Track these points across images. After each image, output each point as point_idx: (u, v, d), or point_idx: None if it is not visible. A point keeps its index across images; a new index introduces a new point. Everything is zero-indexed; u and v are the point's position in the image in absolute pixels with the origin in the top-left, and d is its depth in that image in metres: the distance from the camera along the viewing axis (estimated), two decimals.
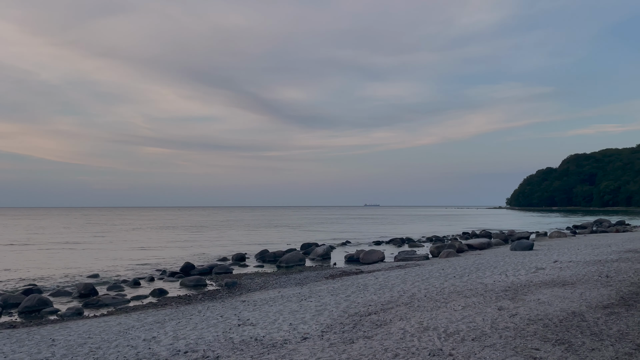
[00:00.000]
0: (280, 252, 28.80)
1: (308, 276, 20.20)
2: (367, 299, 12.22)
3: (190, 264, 24.07)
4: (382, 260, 25.70)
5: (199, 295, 17.34)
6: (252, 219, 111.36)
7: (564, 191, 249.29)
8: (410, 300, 11.35)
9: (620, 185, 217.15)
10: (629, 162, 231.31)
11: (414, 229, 64.81)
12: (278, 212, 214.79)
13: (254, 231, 62.03)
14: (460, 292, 12.17)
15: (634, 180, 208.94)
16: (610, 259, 17.86)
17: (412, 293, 12.69)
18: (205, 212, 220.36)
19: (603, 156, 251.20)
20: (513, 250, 26.25)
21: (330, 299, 12.67)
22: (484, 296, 10.99)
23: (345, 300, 12.35)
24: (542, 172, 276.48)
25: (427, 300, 11.21)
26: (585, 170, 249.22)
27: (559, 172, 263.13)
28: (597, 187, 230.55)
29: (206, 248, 36.93)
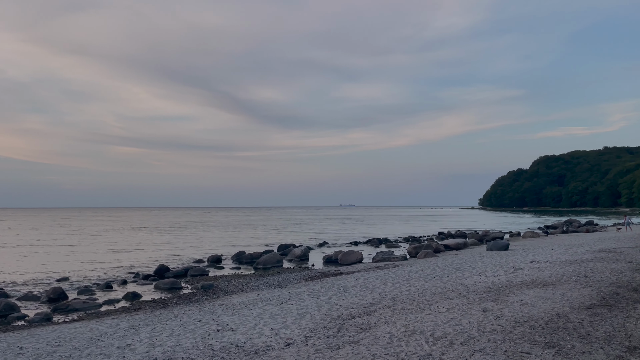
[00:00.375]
0: (257, 254, 28.39)
1: (287, 278, 19.89)
2: (348, 302, 12.01)
3: (164, 266, 23.46)
4: (360, 261, 25.58)
5: (175, 298, 16.84)
6: (227, 220, 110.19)
7: (534, 192, 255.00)
8: (392, 303, 11.19)
9: (588, 187, 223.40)
10: (595, 164, 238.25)
11: (390, 229, 65.11)
12: (253, 212, 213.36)
13: (230, 232, 61.27)
14: (442, 293, 12.07)
15: (601, 182, 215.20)
16: (586, 258, 18.11)
17: (393, 295, 12.54)
18: (179, 213, 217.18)
19: (571, 158, 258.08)
20: (489, 251, 26.50)
21: (311, 302, 12.41)
22: (466, 297, 10.90)
23: (327, 302, 12.11)
24: (513, 173, 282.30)
25: (409, 302, 11.06)
26: (555, 171, 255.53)
27: (530, 173, 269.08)
28: (565, 188, 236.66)
29: (180, 250, 36.18)
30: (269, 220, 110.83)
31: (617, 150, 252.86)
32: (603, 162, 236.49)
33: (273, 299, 13.90)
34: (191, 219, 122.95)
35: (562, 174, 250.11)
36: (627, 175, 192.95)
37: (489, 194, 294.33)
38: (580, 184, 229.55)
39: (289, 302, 12.81)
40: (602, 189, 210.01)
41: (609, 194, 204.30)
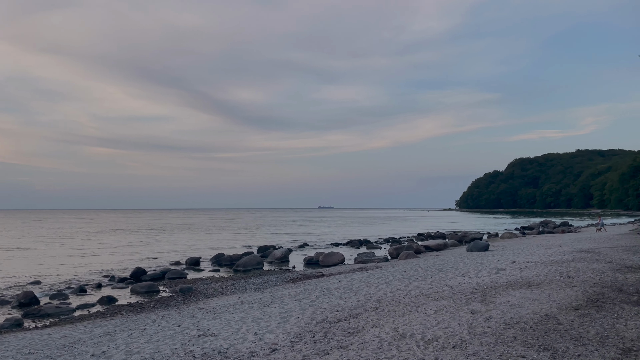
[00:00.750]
0: (236, 256, 27.91)
1: (268, 280, 19.52)
2: (333, 304, 11.75)
3: (141, 269, 22.82)
4: (342, 263, 25.36)
5: (152, 302, 16.31)
6: (204, 222, 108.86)
7: (509, 193, 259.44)
8: (378, 305, 10.97)
9: (561, 188, 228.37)
10: (568, 167, 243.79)
11: (370, 230, 65.17)
12: (232, 214, 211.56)
13: (208, 234, 60.43)
14: (428, 294, 11.91)
15: (574, 184, 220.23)
16: (566, 259, 18.24)
17: (378, 297, 12.33)
18: (155, 214, 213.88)
19: (545, 160, 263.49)
20: (470, 251, 26.58)
21: (294, 305, 12.10)
22: (453, 299, 10.76)
23: (311, 305, 11.82)
24: (489, 175, 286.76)
25: (395, 304, 10.86)
26: (529, 173, 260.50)
27: (505, 175, 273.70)
28: (540, 190, 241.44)
29: (157, 252, 35.39)
30: (247, 222, 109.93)
31: (589, 153, 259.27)
32: (576, 164, 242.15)
33: (255, 302, 13.55)
34: (168, 220, 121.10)
35: (536, 176, 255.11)
36: (598, 177, 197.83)
37: (465, 195, 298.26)
38: (554, 185, 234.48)
39: (272, 305, 12.48)
40: (575, 191, 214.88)
41: (581, 195, 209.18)
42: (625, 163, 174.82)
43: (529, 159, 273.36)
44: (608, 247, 22.92)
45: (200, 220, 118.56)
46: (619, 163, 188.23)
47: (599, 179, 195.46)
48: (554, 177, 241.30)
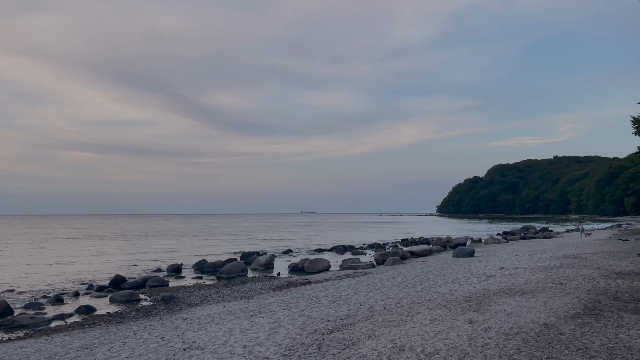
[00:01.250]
0: (219, 262, 27.29)
1: (253, 288, 19.02)
2: (323, 313, 11.36)
3: (120, 276, 22.09)
4: (327, 269, 24.98)
5: (132, 312, 15.68)
6: (185, 228, 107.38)
7: (489, 199, 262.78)
8: (370, 314, 10.62)
9: (540, 194, 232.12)
10: (546, 173, 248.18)
11: (353, 236, 64.93)
12: (213, 219, 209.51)
13: (189, 240, 59.43)
14: (420, 302, 11.61)
15: (552, 190, 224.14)
16: (554, 265, 18.17)
17: (369, 305, 11.98)
18: (134, 220, 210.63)
19: (524, 166, 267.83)
20: (455, 257, 26.47)
21: (283, 314, 11.67)
22: (447, 307, 10.47)
23: (300, 315, 11.41)
24: (470, 181, 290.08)
25: (388, 313, 10.52)
26: (509, 179, 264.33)
27: (485, 181, 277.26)
28: (519, 196, 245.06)
29: (137, 259, 34.49)
30: (229, 227, 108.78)
31: (567, 159, 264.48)
32: (553, 170, 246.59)
33: (241, 311, 13.07)
34: (148, 226, 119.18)
35: (515, 182, 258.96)
36: (576, 183, 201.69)
37: (446, 201, 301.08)
38: (532, 191, 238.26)
39: (259, 314, 12.03)
40: (553, 197, 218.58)
41: (559, 201, 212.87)
42: (602, 169, 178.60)
43: (508, 165, 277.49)
44: (593, 252, 23.02)
45: (180, 226, 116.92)
46: (595, 170, 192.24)
47: (576, 185, 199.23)
48: (533, 183, 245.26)
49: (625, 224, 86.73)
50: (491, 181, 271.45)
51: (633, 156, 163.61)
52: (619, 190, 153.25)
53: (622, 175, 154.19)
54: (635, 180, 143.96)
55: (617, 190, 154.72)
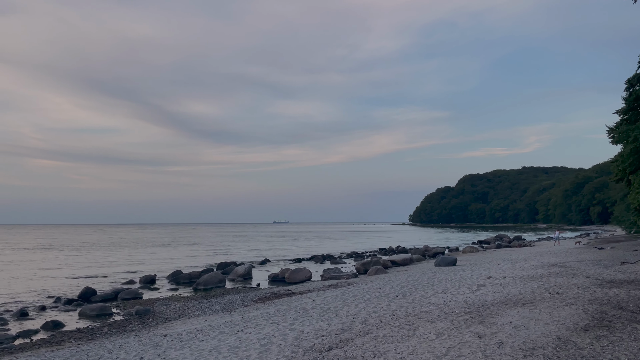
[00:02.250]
0: (196, 273, 26.20)
1: (234, 300, 18.11)
2: (315, 327, 10.65)
3: (90, 289, 20.82)
4: (309, 279, 24.23)
5: (105, 327, 14.58)
6: (157, 237, 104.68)
7: (460, 208, 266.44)
8: (367, 328, 9.97)
9: (509, 204, 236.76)
10: (515, 183, 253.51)
11: (330, 245, 64.28)
12: (185, 229, 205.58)
13: (161, 250, 57.63)
14: (417, 315, 11.03)
15: (520, 199, 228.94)
16: (541, 274, 17.92)
17: (363, 318, 11.33)
18: (103, 230, 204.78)
19: (494, 176, 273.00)
20: (438, 266, 26.13)
21: (272, 329, 10.90)
22: (449, 320, 9.91)
23: (291, 329, 10.67)
24: (441, 190, 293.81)
25: (386, 326, 9.89)
26: (479, 189, 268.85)
27: (456, 190, 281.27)
28: (489, 205, 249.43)
29: (107, 270, 32.92)
30: (202, 237, 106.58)
31: (534, 170, 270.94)
32: (522, 180, 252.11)
33: (225, 326, 12.22)
34: (117, 236, 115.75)
35: (485, 192, 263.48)
36: (543, 193, 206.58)
37: (418, 210, 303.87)
38: (502, 201, 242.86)
39: (246, 329, 11.22)
40: (521, 206, 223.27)
41: (528, 210, 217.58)
42: (568, 180, 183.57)
43: (478, 175, 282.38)
44: (575, 261, 23.00)
45: (152, 236, 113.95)
46: (562, 180, 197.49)
47: (543, 194, 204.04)
48: (502, 193, 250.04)
49: (593, 232, 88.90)
50: (462, 191, 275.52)
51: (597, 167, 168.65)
52: (585, 200, 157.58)
53: (587, 185, 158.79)
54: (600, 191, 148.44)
55: (583, 200, 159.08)
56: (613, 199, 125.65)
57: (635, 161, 26.84)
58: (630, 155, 26.55)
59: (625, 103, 31.26)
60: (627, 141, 27.28)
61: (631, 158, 26.74)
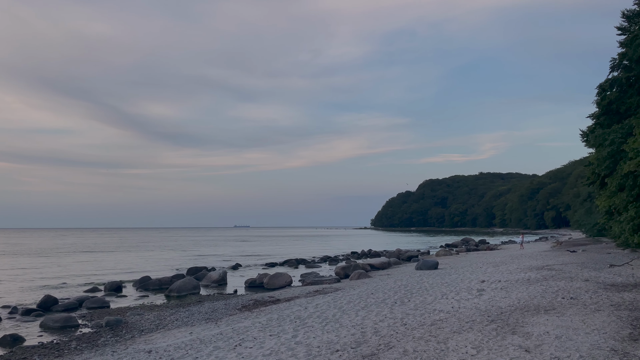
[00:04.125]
0: (166, 279, 24.46)
1: (215, 308, 16.69)
2: (324, 340, 9.53)
3: (51, 297, 18.86)
4: (289, 285, 23.01)
5: (73, 342, 12.91)
6: (114, 242, 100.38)
7: (420, 213, 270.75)
8: (385, 340, 8.93)
9: (467, 208, 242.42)
10: (473, 188, 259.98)
11: (300, 249, 63.02)
12: (143, 233, 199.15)
13: (121, 255, 54.80)
14: (432, 323, 10.09)
15: (478, 204, 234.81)
16: (535, 277, 17.45)
17: (372, 328, 10.30)
18: (56, 234, 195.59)
19: (453, 182, 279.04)
20: (420, 270, 25.47)
21: (274, 343, 9.70)
22: (477, 330, 9.01)
23: (297, 343, 9.50)
24: (402, 195, 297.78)
25: (406, 338, 8.89)
26: (438, 194, 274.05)
27: (416, 195, 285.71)
28: (448, 210, 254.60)
29: (65, 277, 30.51)
30: (163, 241, 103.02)
31: (491, 175, 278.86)
32: (479, 186, 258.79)
33: (217, 339, 10.89)
34: (72, 240, 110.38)
35: (445, 197, 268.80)
36: (500, 198, 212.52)
37: (380, 214, 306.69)
38: (460, 205, 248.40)
39: (244, 344, 9.95)
40: (479, 211, 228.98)
41: (485, 215, 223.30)
42: (523, 185, 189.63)
43: (438, 180, 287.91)
44: (558, 264, 22.80)
45: (108, 240, 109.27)
46: (517, 185, 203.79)
47: (500, 199, 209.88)
48: (461, 198, 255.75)
49: (550, 236, 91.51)
50: (422, 195, 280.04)
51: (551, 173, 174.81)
52: (539, 205, 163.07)
53: (542, 191, 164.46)
54: (554, 196, 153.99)
55: (538, 205, 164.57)
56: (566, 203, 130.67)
57: (611, 164, 27.11)
58: (607, 158, 26.79)
59: (599, 107, 31.77)
60: (603, 145, 27.56)
61: (607, 161, 26.99)
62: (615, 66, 32.15)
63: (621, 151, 25.94)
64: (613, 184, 26.92)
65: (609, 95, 31.41)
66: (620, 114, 29.97)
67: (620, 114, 30.02)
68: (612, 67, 32.78)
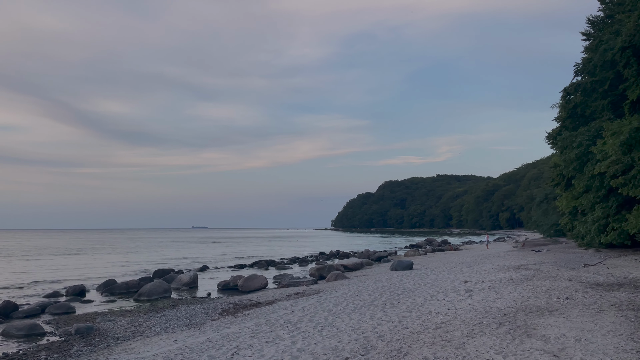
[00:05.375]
0: (134, 282, 23.17)
1: (194, 313, 15.78)
2: (326, 346, 8.99)
3: (11, 302, 17.38)
4: (265, 287, 22.27)
5: (42, 351, 11.77)
6: (67, 244, 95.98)
7: (380, 214, 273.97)
8: (396, 346, 8.49)
9: (425, 209, 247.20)
10: (431, 189, 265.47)
11: (265, 251, 61.98)
12: (96, 235, 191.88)
13: (76, 258, 52.19)
14: (437, 327, 9.74)
15: (436, 205, 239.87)
16: (517, 277, 17.53)
17: (375, 332, 9.84)
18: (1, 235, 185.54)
19: (411, 183, 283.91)
20: (395, 270, 25.30)
21: (274, 351, 9.06)
22: (490, 333, 8.70)
23: (300, 351, 8.90)
24: (362, 196, 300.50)
25: (417, 344, 8.47)
26: (398, 195, 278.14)
27: (376, 196, 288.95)
28: (407, 211, 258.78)
29: (18, 281, 28.50)
30: (119, 243, 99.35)
31: (448, 177, 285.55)
32: (437, 187, 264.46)
33: (207, 347, 10.13)
34: (18, 242, 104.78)
35: (404, 198, 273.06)
36: (456, 200, 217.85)
37: (340, 215, 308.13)
38: (419, 207, 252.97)
39: (241, 352, 9.26)
40: (437, 212, 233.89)
41: (442, 216, 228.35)
42: (479, 187, 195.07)
43: (397, 182, 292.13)
44: (534, 263, 23.13)
45: (59, 242, 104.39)
46: (473, 187, 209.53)
47: (457, 201, 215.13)
48: (419, 199, 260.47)
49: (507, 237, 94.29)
50: (382, 197, 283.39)
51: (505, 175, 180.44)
52: (494, 207, 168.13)
53: (497, 193, 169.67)
54: (509, 198, 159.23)
55: (493, 207, 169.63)
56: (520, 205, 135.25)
57: (577, 166, 27.86)
58: (574, 160, 27.51)
59: (565, 111, 32.68)
60: (571, 147, 28.31)
61: (575, 163, 27.73)
62: (579, 71, 33.20)
63: (588, 153, 26.69)
64: (580, 185, 27.65)
65: (574, 99, 32.35)
66: (586, 117, 30.93)
67: (585, 117, 30.98)
68: (576, 72, 33.84)
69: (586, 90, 31.03)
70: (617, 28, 27.18)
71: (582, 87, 31.50)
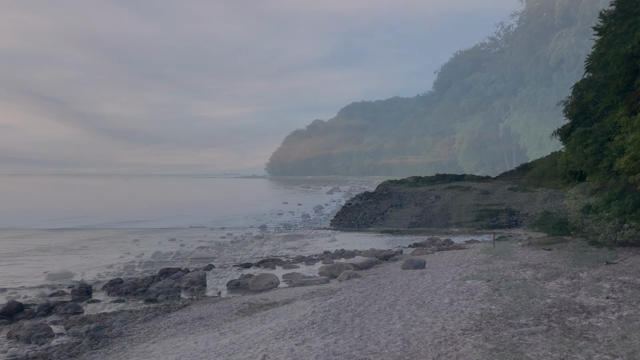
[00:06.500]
0: (141, 281, 22.50)
1: (208, 313, 15.16)
2: (364, 350, 8.41)
3: (15, 302, 16.77)
4: (276, 286, 21.65)
5: (52, 354, 11.18)
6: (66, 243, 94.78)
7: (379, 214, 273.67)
8: (442, 350, 7.91)
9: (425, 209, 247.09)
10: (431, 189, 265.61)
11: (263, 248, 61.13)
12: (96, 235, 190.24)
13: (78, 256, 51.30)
14: (479, 328, 9.17)
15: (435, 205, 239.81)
16: (542, 276, 16.97)
17: (414, 336, 9.30)
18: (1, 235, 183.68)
19: None
20: (407, 269, 24.64)
21: (305, 353, 8.46)
22: (543, 334, 8.12)
23: (334, 353, 8.32)
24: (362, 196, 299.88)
25: (470, 350, 7.89)
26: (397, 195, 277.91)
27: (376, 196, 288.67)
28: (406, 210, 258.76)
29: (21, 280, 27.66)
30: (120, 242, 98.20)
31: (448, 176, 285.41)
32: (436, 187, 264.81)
33: (233, 350, 9.54)
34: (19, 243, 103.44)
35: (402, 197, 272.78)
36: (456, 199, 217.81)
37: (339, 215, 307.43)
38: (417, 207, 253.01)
39: (270, 356, 8.67)
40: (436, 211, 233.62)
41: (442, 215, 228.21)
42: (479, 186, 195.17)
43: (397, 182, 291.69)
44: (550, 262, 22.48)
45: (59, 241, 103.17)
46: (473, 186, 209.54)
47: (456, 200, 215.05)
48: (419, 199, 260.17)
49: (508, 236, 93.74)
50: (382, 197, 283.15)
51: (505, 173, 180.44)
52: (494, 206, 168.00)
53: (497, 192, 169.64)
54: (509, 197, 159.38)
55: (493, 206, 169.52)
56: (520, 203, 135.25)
57: (593, 162, 27.33)
58: (590, 155, 26.99)
59: (577, 107, 32.20)
60: (586, 142, 27.79)
61: (590, 158, 27.20)
62: (590, 67, 32.72)
63: (604, 149, 26.19)
64: (595, 182, 27.13)
65: (587, 95, 31.88)
66: (599, 113, 30.44)
67: (598, 113, 30.49)
68: (587, 68, 33.38)
69: (598, 86, 30.55)
70: (633, 21, 26.66)
71: (595, 82, 31.03)
